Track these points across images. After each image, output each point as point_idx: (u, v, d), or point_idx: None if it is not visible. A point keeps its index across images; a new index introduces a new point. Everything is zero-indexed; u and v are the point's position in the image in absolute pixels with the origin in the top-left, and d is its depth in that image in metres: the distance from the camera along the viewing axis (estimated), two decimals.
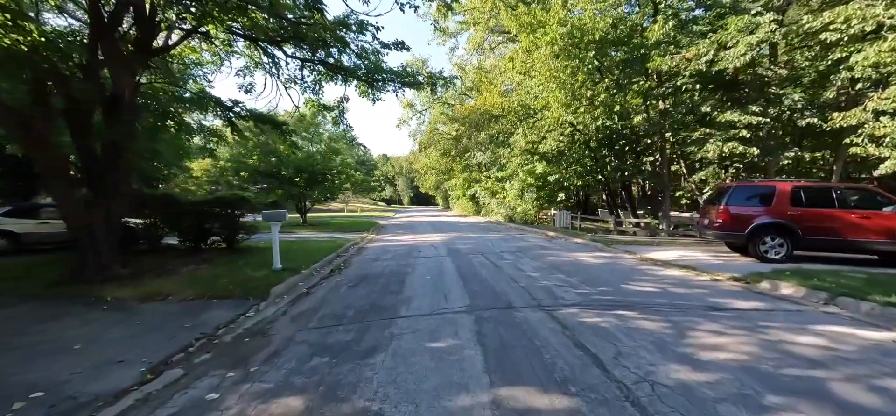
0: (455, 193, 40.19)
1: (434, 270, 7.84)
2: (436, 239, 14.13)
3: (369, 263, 9.19)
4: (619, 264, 8.39)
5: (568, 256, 9.73)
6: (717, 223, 8.58)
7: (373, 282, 6.90)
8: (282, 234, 17.01)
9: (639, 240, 13.23)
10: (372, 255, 10.55)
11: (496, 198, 28.13)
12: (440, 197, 59.85)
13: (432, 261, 9.00)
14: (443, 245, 12.06)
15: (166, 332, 4.58)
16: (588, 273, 7.25)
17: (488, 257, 9.38)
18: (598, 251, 10.68)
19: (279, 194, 20.18)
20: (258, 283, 6.65)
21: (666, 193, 14.56)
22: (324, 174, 19.92)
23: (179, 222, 10.86)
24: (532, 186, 24.06)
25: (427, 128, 34.15)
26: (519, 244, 12.24)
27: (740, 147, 11.69)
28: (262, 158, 19.15)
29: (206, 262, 8.94)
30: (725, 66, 11.26)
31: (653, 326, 4.24)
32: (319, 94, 9.14)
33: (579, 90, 12.91)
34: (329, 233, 16.81)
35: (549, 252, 10.37)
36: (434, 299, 5.51)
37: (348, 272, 8.07)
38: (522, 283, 6.44)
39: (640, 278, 6.94)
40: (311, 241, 13.60)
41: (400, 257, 9.75)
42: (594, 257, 9.46)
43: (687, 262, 8.34)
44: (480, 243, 12.51)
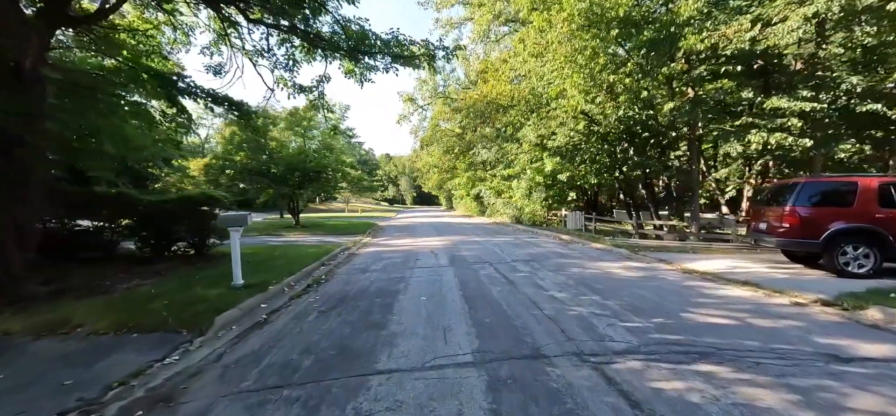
0: (458, 193, 38.57)
1: (432, 287, 6.30)
2: (436, 244, 12.58)
3: (356, 275, 7.66)
4: (661, 280, 6.79)
5: (593, 266, 8.14)
6: (780, 228, 6.96)
7: (352, 305, 5.37)
8: (267, 237, 15.59)
9: (668, 246, 11.61)
10: (361, 264, 9.03)
11: (502, 198, 26.53)
12: (443, 197, 58.30)
13: (431, 274, 7.46)
14: (444, 252, 10.52)
15: (29, 395, 3.14)
16: (628, 293, 5.67)
17: (498, 268, 7.83)
18: (625, 260, 9.08)
19: (270, 194, 18.74)
20: (205, 307, 5.16)
21: (695, 191, 12.92)
22: (318, 172, 18.44)
23: (143, 226, 9.46)
24: (540, 186, 22.48)
25: (429, 124, 32.55)
26: (532, 251, 10.66)
27: (789, 139, 10.04)
28: (250, 155, 17.70)
29: (157, 274, 7.47)
30: (774, 43, 9.62)
31: (769, 397, 2.68)
32: (294, 71, 7.62)
33: (599, 75, 11.30)
34: (320, 236, 15.33)
35: (569, 261, 8.79)
36: (428, 339, 3.97)
37: (327, 289, 6.54)
38: (547, 309, 4.87)
39: (699, 301, 5.35)
40: (297, 246, 12.11)
41: (393, 268, 8.22)
42: (625, 268, 7.87)
43: (743, 275, 6.75)
44: (487, 249, 10.95)
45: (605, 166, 14.17)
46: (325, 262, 9.41)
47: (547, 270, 7.63)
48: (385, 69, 7.29)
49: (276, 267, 8.14)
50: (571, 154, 13.70)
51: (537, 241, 13.38)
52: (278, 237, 14.89)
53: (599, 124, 13.54)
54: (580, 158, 13.90)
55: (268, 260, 9.17)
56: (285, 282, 6.91)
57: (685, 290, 5.96)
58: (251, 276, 7.10)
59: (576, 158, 13.49)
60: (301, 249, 11.29)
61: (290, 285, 6.90)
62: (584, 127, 13.85)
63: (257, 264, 8.64)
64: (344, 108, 72.01)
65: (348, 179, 20.28)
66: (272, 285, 6.57)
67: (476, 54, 21.75)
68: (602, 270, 7.70)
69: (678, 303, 5.16)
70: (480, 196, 31.32)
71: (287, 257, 9.71)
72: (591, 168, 14.37)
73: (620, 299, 5.29)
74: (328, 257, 9.92)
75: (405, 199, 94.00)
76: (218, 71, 8.60)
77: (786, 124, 10.29)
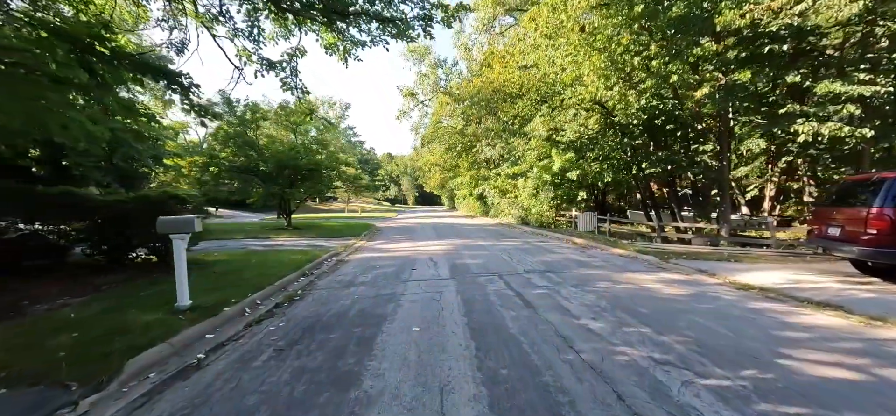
0: (461, 193, 37.18)
1: (428, 310, 4.97)
2: (437, 249, 11.25)
3: (338, 290, 6.34)
4: (717, 300, 5.42)
5: (623, 279, 6.78)
6: (864, 236, 5.59)
7: (321, 340, 4.05)
8: (252, 241, 14.25)
9: (699, 251, 10.22)
10: (348, 275, 7.71)
11: (507, 198, 25.17)
12: (445, 197, 56.98)
13: (428, 290, 6.12)
14: (445, 259, 9.18)
15: None
16: (686, 323, 4.32)
17: (509, 282, 6.48)
18: (658, 270, 7.71)
19: (259, 194, 17.48)
20: (125, 342, 3.89)
21: (724, 190, 11.52)
22: (311, 170, 17.16)
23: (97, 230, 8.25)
24: (548, 185, 21.16)
25: (430, 121, 31.20)
26: (546, 258, 9.30)
27: (845, 129, 8.65)
28: (236, 152, 16.45)
29: (97, 289, 6.20)
30: (831, 16, 8.23)
31: None
32: (260, 41, 6.31)
33: (621, 57, 9.93)
34: (311, 239, 14.04)
35: (593, 272, 7.43)
36: (416, 409, 2.64)
37: (297, 312, 5.22)
38: (585, 350, 3.53)
39: (786, 336, 3.99)
40: (280, 251, 10.82)
41: (384, 282, 6.90)
42: (663, 282, 6.50)
43: (816, 293, 5.38)
44: (494, 256, 9.61)
45: (622, 163, 12.78)
46: (308, 271, 8.12)
47: (569, 285, 6.27)
48: (372, 41, 5.95)
49: (245, 280, 6.85)
50: (586, 148, 12.32)
51: (549, 245, 12.02)
52: (264, 241, 13.61)
53: (618, 115, 12.15)
54: (595, 154, 12.52)
55: (240, 270, 7.89)
56: (248, 301, 5.61)
57: (756, 316, 4.59)
58: (209, 293, 5.83)
59: (590, 153, 12.11)
60: (284, 255, 10.01)
61: (255, 305, 5.60)
62: (601, 118, 12.47)
63: (224, 275, 7.36)
64: (344, 106, 70.96)
65: (344, 177, 18.99)
66: (230, 305, 5.28)
67: (479, 44, 20.42)
68: (636, 284, 6.34)
69: (761, 339, 3.81)
70: (484, 196, 29.96)
71: (264, 265, 8.43)
72: (607, 165, 12.99)
73: (680, 334, 3.94)
74: (312, 266, 8.63)
75: (407, 199, 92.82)
76: (181, 49, 7.30)
77: (840, 112, 8.89)
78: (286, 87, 6.58)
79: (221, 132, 16.21)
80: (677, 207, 13.30)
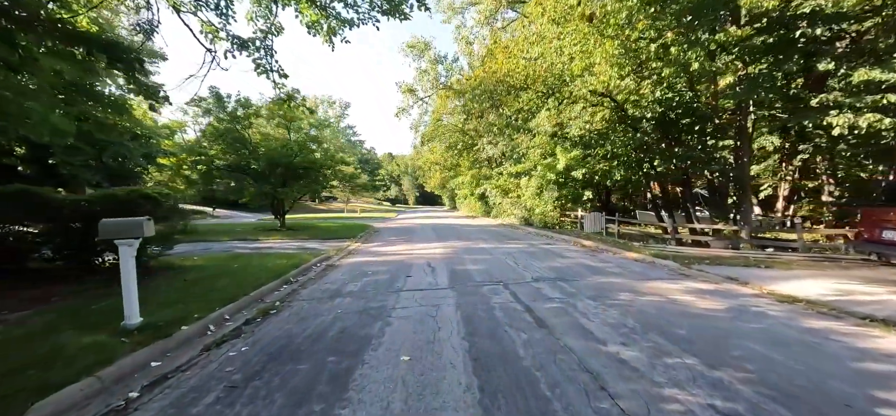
0: (462, 193, 36.35)
1: (422, 332, 4.17)
2: (436, 252, 10.46)
3: (320, 303, 5.55)
4: (763, 317, 4.61)
5: (646, 289, 5.97)
6: None
7: (288, 371, 3.26)
8: (239, 243, 13.41)
9: (720, 255, 9.40)
10: (335, 283, 6.92)
11: (509, 197, 24.37)
12: (446, 197, 56.20)
13: (423, 302, 5.32)
14: (444, 265, 8.38)
15: None
16: (741, 351, 3.51)
17: (517, 294, 5.67)
18: (682, 278, 6.90)
19: (251, 193, 16.70)
20: (38, 378, 3.11)
21: (745, 189, 10.70)
22: (306, 169, 16.37)
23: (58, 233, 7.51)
24: (552, 184, 20.36)
25: (430, 118, 30.38)
26: (555, 263, 8.49)
27: (885, 120, 7.82)
28: (226, 149, 15.68)
29: (42, 302, 5.42)
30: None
31: None
32: (228, 15, 5.52)
33: (637, 44, 9.11)
34: (302, 241, 13.27)
35: (609, 280, 6.62)
36: None
37: (267, 331, 4.43)
38: (624, 396, 2.72)
39: (869, 369, 3.18)
40: (267, 254, 10.05)
41: (374, 292, 6.10)
42: (692, 293, 5.69)
43: (876, 307, 4.58)
44: (498, 261, 8.81)
45: (634, 160, 11.96)
46: (292, 278, 7.33)
47: (586, 296, 5.46)
48: (360, 19, 5.17)
49: (218, 290, 6.08)
50: (595, 144, 11.51)
51: (557, 248, 11.20)
52: (253, 243, 12.84)
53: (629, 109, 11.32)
54: (604, 150, 11.70)
55: (216, 277, 7.11)
56: (215, 316, 4.82)
57: (821, 342, 3.78)
58: (169, 307, 5.05)
59: (599, 149, 11.30)
60: (270, 259, 9.23)
61: (221, 322, 4.81)
62: (610, 113, 11.64)
63: (196, 283, 6.58)
64: (344, 105, 70.23)
65: (340, 176, 18.20)
66: (190, 323, 4.50)
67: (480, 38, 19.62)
68: (662, 295, 5.52)
69: (843, 376, 2.99)
70: (485, 196, 29.16)
71: (244, 271, 7.65)
72: (618, 162, 12.17)
73: (737, 367, 3.13)
74: (297, 272, 7.85)
75: (408, 199, 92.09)
76: (149, 31, 6.52)
77: (878, 102, 8.07)
78: (261, 69, 5.78)
79: (210, 128, 15.45)
80: (692, 207, 12.46)
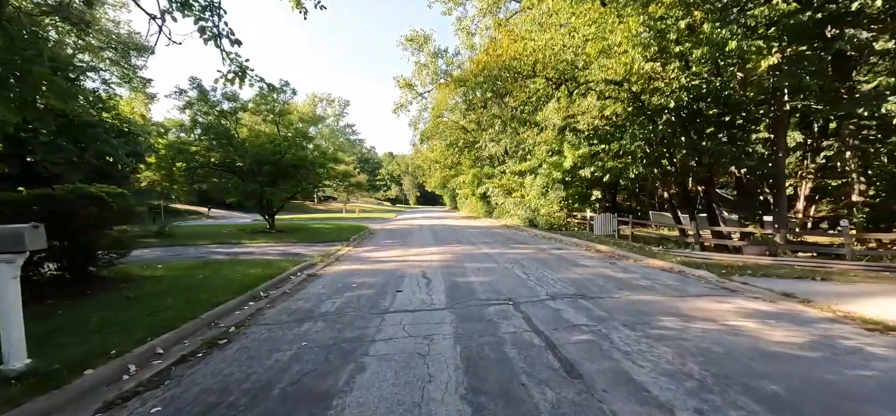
0: (463, 192, 35.16)
1: (405, 386, 3.00)
2: (433, 259, 9.31)
3: (281, 333, 4.39)
4: (879, 364, 3.42)
5: (694, 311, 4.80)
6: None
7: None
8: (218, 247, 12.12)
9: (760, 263, 8.22)
10: (310, 300, 5.77)
11: (513, 197, 23.20)
12: (447, 196, 55.05)
13: (412, 332, 4.16)
14: (442, 276, 7.23)
15: None
16: None
17: (533, 318, 4.51)
18: (728, 295, 5.73)
19: (237, 192, 15.57)
20: None
21: (781, 187, 9.51)
22: (295, 166, 15.23)
23: None
24: (558, 183, 19.20)
25: (430, 115, 29.15)
26: (572, 274, 7.32)
27: None
28: (210, 145, 14.54)
29: None
30: None
31: None
32: None
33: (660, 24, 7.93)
34: (289, 245, 12.14)
35: (644, 299, 5.45)
36: None
37: (194, 381, 3.28)
38: None
39: None
40: (243, 262, 8.92)
41: (352, 314, 4.94)
42: (757, 320, 4.51)
43: None
44: (504, 271, 7.64)
45: (654, 156, 10.79)
46: (262, 293, 6.18)
47: (620, 323, 4.29)
48: None
49: (162, 310, 4.95)
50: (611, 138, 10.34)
51: (569, 255, 10.03)
52: (233, 247, 11.71)
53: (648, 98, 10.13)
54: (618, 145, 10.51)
55: (166, 292, 5.98)
56: (142, 351, 3.69)
57: None
58: (84, 338, 3.94)
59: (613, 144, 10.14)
60: (244, 267, 8.09)
61: (149, 359, 3.67)
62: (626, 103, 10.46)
63: (137, 301, 5.45)
64: (343, 103, 69.20)
65: (333, 175, 17.04)
66: (101, 364, 3.36)
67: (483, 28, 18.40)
68: (718, 322, 4.35)
69: None
70: (487, 196, 27.99)
71: (206, 285, 6.51)
72: (634, 158, 11.00)
73: None
74: (271, 284, 6.71)
75: (408, 198, 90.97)
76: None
77: None
78: (208, 35, 4.64)
79: (190, 124, 14.34)
80: (718, 207, 11.26)
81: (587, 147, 14.19)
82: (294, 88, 15.76)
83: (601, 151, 14.20)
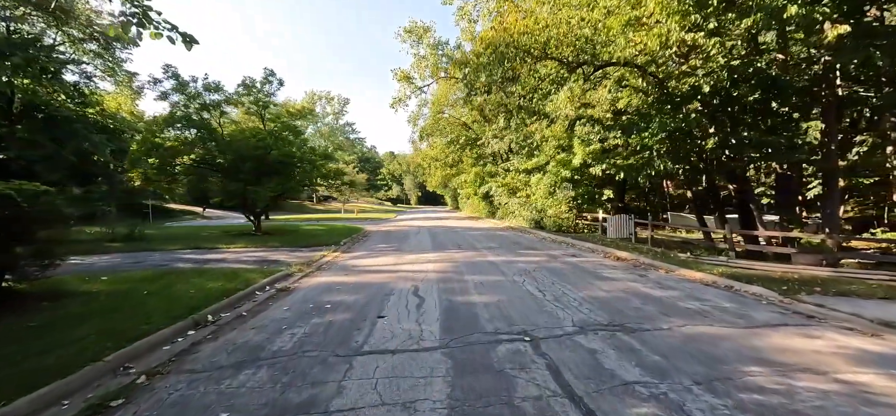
0: (465, 192, 33.81)
1: None
2: (428, 268, 8.01)
3: (205, 389, 3.08)
4: None
5: (794, 360, 3.46)
6: None
7: None
8: (192, 252, 10.52)
9: (819, 276, 6.86)
10: (267, 328, 4.47)
11: (517, 197, 21.87)
12: (448, 196, 53.73)
13: (387, 395, 2.85)
14: (437, 293, 5.91)
15: None
16: None
17: (561, 368, 3.19)
18: (815, 326, 4.40)
19: (217, 191, 14.30)
20: None
21: (834, 186, 8.15)
22: (280, 163, 13.92)
23: None
24: (567, 181, 17.87)
25: (430, 110, 27.78)
26: (594, 290, 5.99)
27: None
28: (187, 140, 13.27)
29: None
30: None
31: None
32: None
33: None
34: (270, 251, 10.86)
35: (707, 333, 4.12)
36: None
37: None
38: None
39: None
40: (207, 271, 7.65)
41: (314, 355, 3.64)
42: (888, 376, 3.18)
43: None
44: (514, 286, 6.33)
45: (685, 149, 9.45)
46: (209, 317, 4.89)
47: (693, 381, 2.95)
48: None
49: (60, 345, 3.74)
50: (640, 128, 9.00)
51: (588, 263, 8.70)
52: (208, 252, 10.44)
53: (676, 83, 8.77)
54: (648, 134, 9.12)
55: (91, 315, 4.75)
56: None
57: None
58: None
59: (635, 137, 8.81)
60: (202, 279, 6.81)
61: None
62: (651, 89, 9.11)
63: (48, 328, 4.22)
64: (343, 101, 67.90)
65: (323, 173, 15.72)
66: None
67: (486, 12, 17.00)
68: (839, 382, 3.01)
69: None
70: (490, 195, 26.65)
71: (145, 305, 5.24)
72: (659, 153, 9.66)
73: None
74: (227, 303, 5.43)
75: (410, 198, 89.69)
76: None
77: None
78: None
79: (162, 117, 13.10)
80: (756, 207, 9.85)
81: (598, 143, 12.86)
82: (281, 79, 14.43)
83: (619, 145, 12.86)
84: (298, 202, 55.96)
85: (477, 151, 26.49)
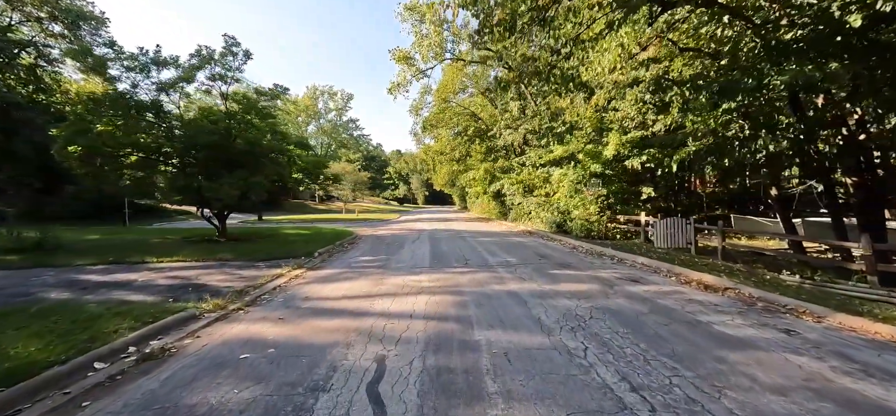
0: (473, 190, 30.77)
1: None
2: (416, 310, 5.07)
3: None
4: None
5: None
6: None
7: None
8: (103, 267, 6.23)
9: None
10: None
11: (535, 196, 18.82)
12: (456, 195, 50.67)
13: None
14: (418, 393, 2.95)
15: None
16: None
17: None
18: None
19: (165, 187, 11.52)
20: None
21: None
22: (246, 154, 11.11)
23: None
24: (596, 176, 14.88)
25: (435, 97, 24.79)
26: (741, 392, 2.98)
27: None
28: (124, 122, 10.48)
29: None
30: None
31: None
32: None
33: None
34: (210, 267, 8.06)
35: None
36: None
37: None
38: None
39: None
40: (68, 308, 4.80)
41: None
42: None
43: None
44: (571, 365, 3.35)
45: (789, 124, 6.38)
46: None
47: None
48: None
49: None
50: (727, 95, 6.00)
51: (667, 298, 5.68)
52: (123, 271, 7.64)
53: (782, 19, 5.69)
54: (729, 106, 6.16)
55: None
56: None
57: None
58: None
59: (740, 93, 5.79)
60: (25, 332, 3.98)
61: None
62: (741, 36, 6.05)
63: None
64: (346, 97, 65.27)
65: (297, 164, 12.76)
66: None
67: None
68: None
69: None
70: (502, 194, 23.60)
71: None
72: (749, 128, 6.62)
73: None
74: (4, 400, 2.52)
75: (417, 198, 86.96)
76: None
77: None
78: None
79: (87, 95, 10.41)
80: (876, 208, 6.64)
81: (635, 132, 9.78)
82: (247, 50, 11.58)
83: (672, 127, 9.84)
84: (300, 201, 53.60)
85: (487, 143, 23.46)
